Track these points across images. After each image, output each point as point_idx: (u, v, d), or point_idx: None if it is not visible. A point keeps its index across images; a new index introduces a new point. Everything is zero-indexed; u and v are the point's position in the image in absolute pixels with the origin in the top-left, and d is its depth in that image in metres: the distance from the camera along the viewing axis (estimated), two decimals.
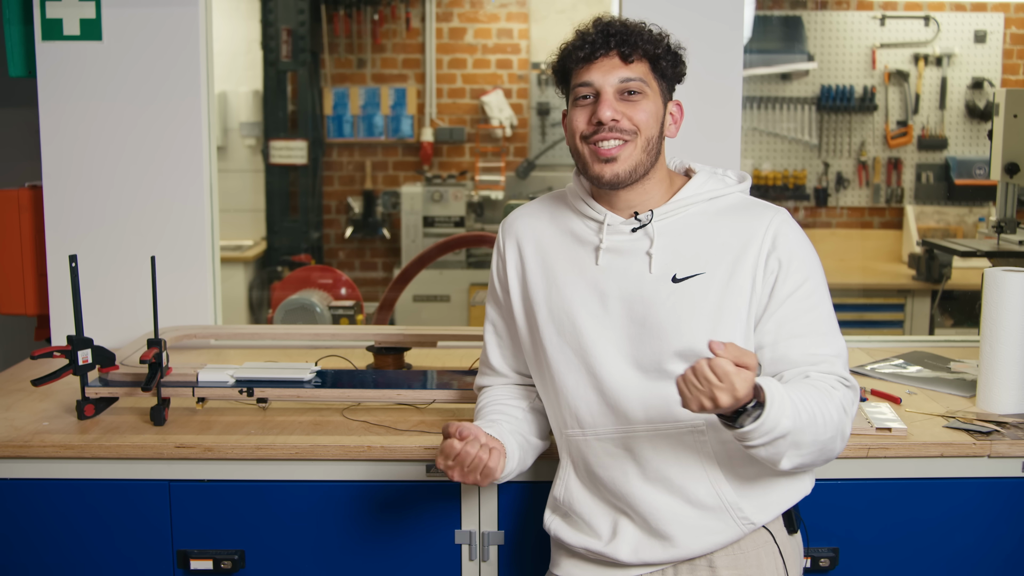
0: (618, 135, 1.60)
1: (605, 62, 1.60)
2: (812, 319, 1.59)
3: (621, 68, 1.60)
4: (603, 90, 1.60)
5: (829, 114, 5.35)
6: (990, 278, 2.09)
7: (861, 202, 5.41)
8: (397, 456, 1.93)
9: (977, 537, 1.97)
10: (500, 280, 1.78)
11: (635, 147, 1.61)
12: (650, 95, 1.62)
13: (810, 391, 1.50)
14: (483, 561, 1.96)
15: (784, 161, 5.39)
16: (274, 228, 5.23)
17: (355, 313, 3.37)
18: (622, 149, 1.60)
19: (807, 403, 1.47)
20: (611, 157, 1.60)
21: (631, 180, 1.62)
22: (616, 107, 1.59)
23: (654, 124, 1.62)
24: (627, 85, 1.60)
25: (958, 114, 5.35)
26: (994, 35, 5.29)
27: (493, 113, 5.50)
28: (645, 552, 1.62)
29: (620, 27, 1.61)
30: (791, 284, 1.59)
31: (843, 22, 5.30)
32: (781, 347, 1.59)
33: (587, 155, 1.63)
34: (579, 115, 1.63)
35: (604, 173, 1.61)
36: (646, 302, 1.61)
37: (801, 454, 1.49)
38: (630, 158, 1.61)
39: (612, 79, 1.60)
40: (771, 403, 1.41)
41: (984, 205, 5.29)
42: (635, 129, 1.60)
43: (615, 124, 1.59)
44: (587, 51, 1.60)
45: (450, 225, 5.22)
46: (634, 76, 1.60)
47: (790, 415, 1.43)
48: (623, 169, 1.61)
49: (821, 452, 1.52)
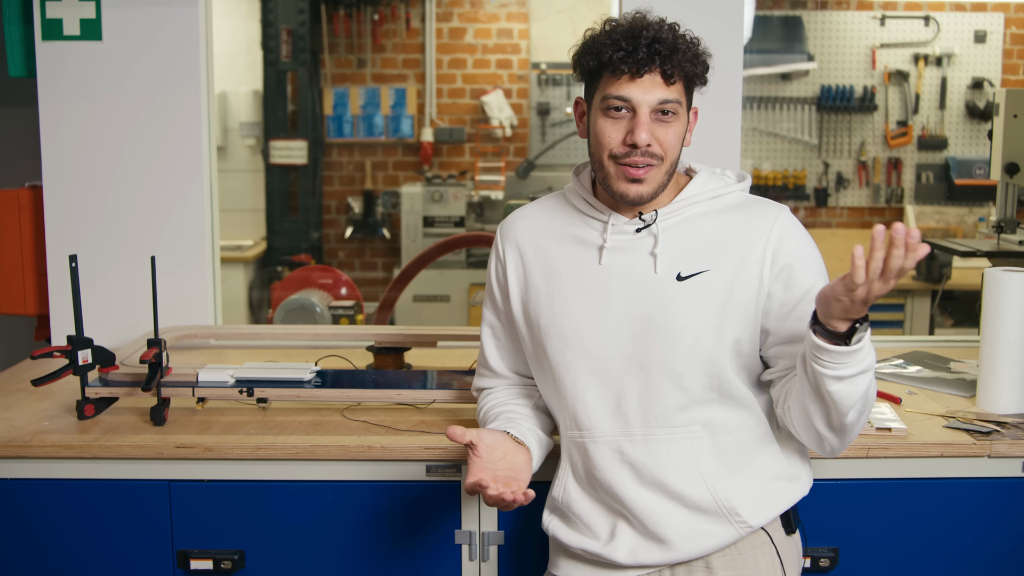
0: (647, 160, 1.58)
1: (647, 80, 1.56)
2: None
3: (662, 89, 1.57)
4: (640, 109, 1.57)
5: (829, 114, 5.35)
6: (990, 278, 2.09)
7: (861, 202, 5.41)
8: (397, 456, 1.93)
9: (977, 537, 1.97)
10: (499, 284, 1.78)
11: (660, 171, 1.60)
12: (681, 115, 1.61)
13: None
14: (483, 561, 1.96)
15: (784, 161, 5.39)
16: (274, 228, 5.24)
17: (355, 313, 3.37)
18: (649, 171, 1.59)
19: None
20: (639, 179, 1.59)
21: (652, 199, 1.63)
22: (651, 129, 1.58)
23: (679, 146, 1.62)
24: (664, 106, 1.58)
25: (958, 114, 5.36)
26: (994, 35, 5.29)
27: (493, 113, 5.50)
28: (642, 554, 1.62)
29: (668, 43, 1.56)
30: (805, 283, 1.59)
31: (843, 22, 5.30)
32: (795, 346, 1.59)
33: (613, 172, 1.61)
34: (610, 129, 1.59)
35: (629, 192, 1.61)
36: (650, 301, 1.61)
37: (867, 403, 1.52)
38: (654, 180, 1.61)
39: (651, 99, 1.57)
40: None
41: (984, 205, 5.30)
42: (663, 155, 1.59)
43: (647, 149, 1.58)
44: (631, 65, 1.55)
45: (450, 225, 5.22)
46: (672, 98, 1.58)
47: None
48: (647, 190, 1.61)
49: (864, 416, 1.55)
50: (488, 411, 1.78)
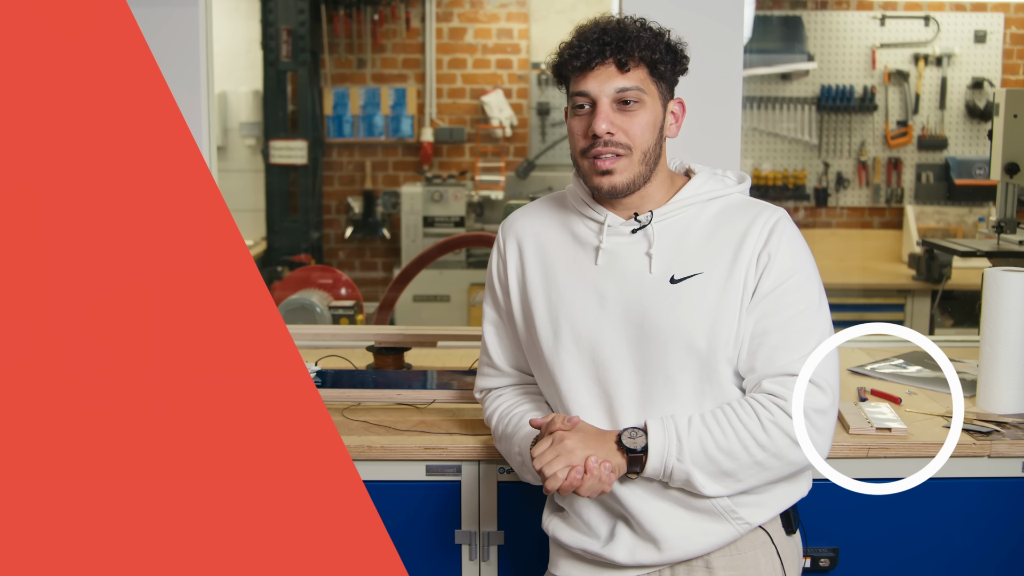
0: (613, 149, 1.58)
1: (601, 71, 1.58)
2: (788, 317, 1.58)
3: (617, 77, 1.58)
4: (599, 100, 1.58)
5: (829, 114, 5.35)
6: (990, 278, 2.09)
7: (861, 202, 5.41)
8: (397, 456, 1.93)
9: (977, 537, 1.97)
10: (500, 280, 1.78)
11: (631, 160, 1.60)
12: (647, 102, 1.60)
13: (728, 417, 1.55)
14: (483, 561, 1.96)
15: (784, 161, 5.39)
16: (274, 228, 5.24)
17: (355, 313, 3.37)
18: (617, 162, 1.59)
19: (718, 434, 1.53)
20: (607, 170, 1.59)
21: (631, 191, 1.62)
22: (612, 119, 1.58)
23: (650, 135, 1.61)
24: (623, 95, 1.58)
25: (958, 114, 5.36)
26: (994, 35, 5.29)
27: (493, 113, 5.50)
28: (640, 554, 1.62)
29: (616, 33, 1.58)
30: (774, 279, 1.58)
31: (843, 22, 5.30)
32: (753, 343, 1.58)
33: (586, 168, 1.62)
34: (576, 125, 1.62)
35: (602, 185, 1.61)
36: (644, 303, 1.61)
37: (735, 481, 1.56)
38: (627, 171, 1.60)
39: (608, 89, 1.58)
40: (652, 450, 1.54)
41: (984, 205, 5.29)
42: (629, 144, 1.59)
43: (610, 138, 1.58)
44: (583, 60, 1.58)
45: (450, 225, 5.22)
46: (630, 85, 1.58)
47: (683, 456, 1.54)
48: (620, 181, 1.60)
49: (760, 473, 1.56)
50: (503, 414, 1.77)
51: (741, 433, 1.53)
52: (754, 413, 1.54)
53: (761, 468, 1.54)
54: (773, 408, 1.53)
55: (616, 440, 1.56)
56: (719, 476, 1.54)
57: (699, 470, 1.53)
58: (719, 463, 1.53)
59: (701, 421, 1.55)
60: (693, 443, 1.53)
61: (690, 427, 1.54)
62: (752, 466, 1.54)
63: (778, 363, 1.56)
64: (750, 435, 1.53)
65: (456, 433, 1.99)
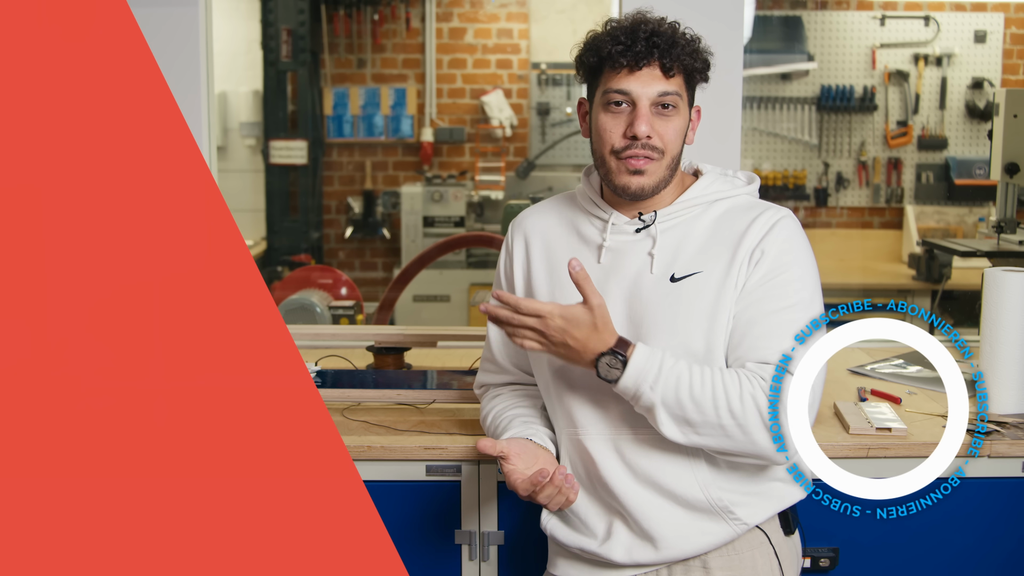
0: (648, 152, 1.59)
1: (646, 72, 1.58)
2: (775, 310, 1.57)
3: (661, 81, 1.58)
4: (640, 102, 1.58)
5: (829, 114, 5.35)
6: (990, 278, 2.09)
7: (861, 202, 5.41)
8: (397, 456, 1.93)
9: (977, 537, 1.97)
10: (506, 276, 1.79)
11: (661, 165, 1.61)
12: (682, 109, 1.61)
13: (713, 374, 1.53)
14: (483, 561, 1.96)
15: (784, 161, 5.39)
16: (274, 228, 5.24)
17: (355, 313, 3.37)
18: (650, 164, 1.60)
19: (696, 382, 1.51)
20: (639, 170, 1.60)
21: (655, 193, 1.63)
22: (651, 122, 1.58)
23: (680, 141, 1.63)
24: (664, 99, 1.59)
25: (958, 114, 5.36)
26: (994, 35, 5.29)
27: (493, 113, 5.50)
28: (637, 553, 1.62)
29: (667, 38, 1.58)
30: (764, 272, 1.58)
31: (843, 22, 5.30)
32: (737, 334, 1.58)
33: (614, 167, 1.62)
34: (611, 123, 1.61)
35: (631, 184, 1.61)
36: (644, 302, 1.61)
37: (695, 434, 1.53)
38: (655, 173, 1.61)
39: (651, 91, 1.58)
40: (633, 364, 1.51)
41: (984, 205, 5.29)
42: (663, 148, 1.60)
43: (647, 141, 1.59)
44: (630, 58, 1.57)
45: (450, 225, 5.22)
46: (672, 90, 1.59)
47: (657, 386, 1.51)
48: (649, 183, 1.61)
49: (721, 438, 1.52)
50: (497, 415, 1.78)
51: (718, 392, 1.51)
52: (737, 381, 1.52)
53: (724, 433, 1.52)
54: (756, 385, 1.52)
55: (593, 361, 1.53)
56: (680, 422, 1.52)
57: (664, 407, 1.52)
58: (685, 409, 1.51)
59: (688, 367, 1.53)
60: (670, 380, 1.51)
61: (674, 365, 1.53)
62: (716, 427, 1.52)
63: (761, 352, 1.55)
64: (725, 398, 1.51)
65: (456, 433, 1.99)
